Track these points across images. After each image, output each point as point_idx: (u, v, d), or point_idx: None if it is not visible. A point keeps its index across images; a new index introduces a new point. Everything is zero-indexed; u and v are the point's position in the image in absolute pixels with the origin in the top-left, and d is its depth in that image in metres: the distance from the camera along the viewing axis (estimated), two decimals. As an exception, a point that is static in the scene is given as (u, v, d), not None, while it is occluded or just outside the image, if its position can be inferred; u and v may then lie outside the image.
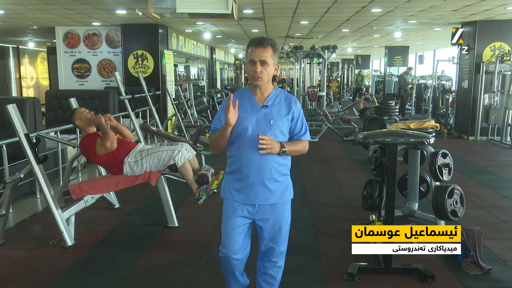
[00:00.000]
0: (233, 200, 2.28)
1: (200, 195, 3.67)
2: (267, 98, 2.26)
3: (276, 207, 2.29)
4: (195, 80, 21.02)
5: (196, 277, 3.15)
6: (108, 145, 3.67)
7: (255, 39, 2.19)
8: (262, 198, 2.25)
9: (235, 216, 2.28)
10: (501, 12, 8.28)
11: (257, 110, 2.23)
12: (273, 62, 2.19)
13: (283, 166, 2.27)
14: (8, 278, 3.17)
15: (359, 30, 11.84)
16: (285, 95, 2.30)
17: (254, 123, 2.21)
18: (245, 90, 2.32)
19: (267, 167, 2.21)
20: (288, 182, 2.34)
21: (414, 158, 4.31)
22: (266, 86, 2.25)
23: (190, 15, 6.30)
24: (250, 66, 2.18)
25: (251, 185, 2.23)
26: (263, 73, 2.16)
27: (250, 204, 2.27)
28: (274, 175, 2.24)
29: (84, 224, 4.21)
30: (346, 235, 3.91)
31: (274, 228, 2.30)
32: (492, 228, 4.10)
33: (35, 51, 16.57)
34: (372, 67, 26.28)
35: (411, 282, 3.08)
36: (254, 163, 2.20)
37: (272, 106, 2.24)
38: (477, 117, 9.43)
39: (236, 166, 2.25)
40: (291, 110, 2.25)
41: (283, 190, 2.29)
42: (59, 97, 7.47)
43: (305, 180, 5.99)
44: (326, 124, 9.71)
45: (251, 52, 2.17)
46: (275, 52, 2.19)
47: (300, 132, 2.29)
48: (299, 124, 2.28)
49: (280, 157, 2.22)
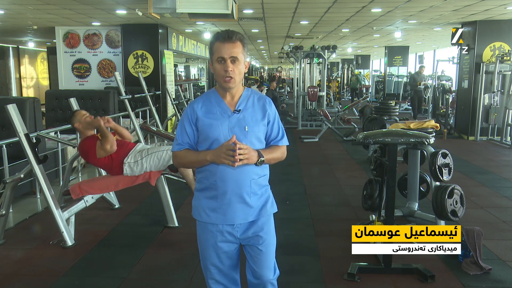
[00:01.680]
0: (210, 223, 1.97)
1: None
2: (238, 101, 1.95)
3: (259, 223, 2.00)
4: (195, 80, 21.01)
5: (196, 277, 3.15)
6: (108, 147, 3.66)
7: (221, 32, 1.87)
8: (242, 216, 1.95)
9: (218, 242, 1.98)
10: (501, 12, 8.28)
11: (228, 116, 1.92)
12: (244, 59, 1.89)
13: (263, 177, 2.00)
14: (8, 278, 3.18)
15: (359, 30, 11.84)
16: (257, 95, 2.01)
17: (227, 131, 1.90)
18: (211, 93, 1.99)
19: (246, 181, 1.92)
20: (269, 194, 2.05)
21: (414, 158, 4.31)
22: (237, 88, 1.95)
23: (190, 15, 6.30)
24: (219, 65, 1.86)
25: (229, 202, 1.93)
26: (235, 72, 1.87)
27: (228, 225, 1.96)
28: (254, 188, 1.95)
29: (84, 224, 4.21)
30: (346, 235, 3.91)
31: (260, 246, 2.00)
32: (492, 228, 4.10)
33: (35, 51, 16.57)
34: (372, 67, 26.28)
35: (411, 282, 3.08)
36: (231, 177, 1.90)
37: (245, 110, 1.94)
38: (477, 117, 9.42)
39: (209, 182, 1.95)
40: (266, 112, 1.97)
41: (263, 203, 2.00)
42: (59, 97, 7.47)
43: (305, 180, 6.00)
44: (326, 124, 9.70)
45: (218, 49, 1.85)
46: (245, 47, 1.90)
47: (277, 137, 2.00)
48: (275, 128, 2.00)
49: (258, 168, 1.94)
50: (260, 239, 2.00)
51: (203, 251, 2.03)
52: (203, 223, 2.00)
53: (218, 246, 1.98)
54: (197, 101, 1.97)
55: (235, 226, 1.96)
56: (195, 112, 1.93)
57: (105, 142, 3.67)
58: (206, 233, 1.99)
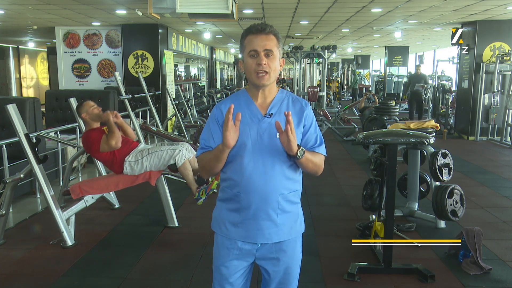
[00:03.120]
0: (227, 238, 1.75)
1: (199, 195, 3.68)
2: (271, 103, 1.72)
3: (283, 245, 1.76)
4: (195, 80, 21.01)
5: (196, 277, 3.15)
6: (113, 143, 3.66)
7: (253, 25, 1.67)
8: (267, 235, 1.71)
9: (231, 259, 1.76)
10: (501, 12, 8.28)
11: (258, 120, 1.69)
12: (279, 55, 1.68)
13: (293, 193, 1.75)
14: (8, 278, 3.18)
15: (359, 30, 11.84)
16: (292, 97, 1.76)
17: (255, 136, 1.67)
18: (241, 94, 1.77)
19: (274, 195, 1.68)
20: (299, 212, 1.82)
21: (414, 158, 4.31)
22: (271, 87, 1.72)
23: (190, 15, 6.30)
24: (251, 60, 1.64)
25: (253, 218, 1.70)
26: (270, 67, 1.63)
27: (249, 243, 1.74)
28: (283, 204, 1.70)
29: (84, 224, 4.21)
30: (346, 235, 3.93)
31: (281, 271, 1.78)
32: (492, 228, 4.10)
33: (35, 51, 16.57)
34: (372, 67, 26.30)
35: (411, 282, 3.08)
36: (257, 190, 1.67)
37: (277, 114, 1.70)
38: (477, 117, 9.42)
39: (233, 193, 1.71)
40: (303, 118, 1.71)
41: (293, 223, 1.77)
42: (59, 97, 7.47)
43: (305, 180, 5.98)
44: (326, 124, 9.71)
45: (251, 42, 1.64)
46: (279, 42, 1.69)
47: (315, 144, 1.73)
48: (313, 134, 1.73)
49: (290, 181, 1.72)
50: (284, 264, 1.78)
51: (217, 268, 1.81)
52: (221, 237, 1.78)
53: (233, 264, 1.76)
54: (225, 101, 1.75)
55: (258, 245, 1.74)
56: (222, 114, 1.69)
57: (111, 137, 3.66)
58: (222, 249, 1.77)
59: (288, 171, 1.71)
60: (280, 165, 1.69)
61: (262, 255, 1.76)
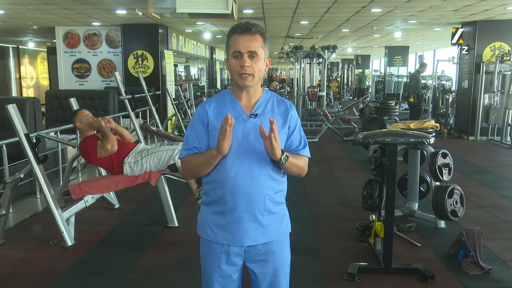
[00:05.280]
0: (215, 242, 1.72)
1: (199, 195, 3.67)
2: (256, 104, 1.70)
3: (272, 246, 1.74)
4: (195, 80, 21.02)
5: (196, 277, 3.14)
6: (109, 147, 3.67)
7: (239, 24, 1.62)
8: (253, 237, 1.69)
9: (220, 263, 1.73)
10: (501, 12, 8.28)
11: (243, 121, 1.66)
12: (264, 55, 1.64)
13: (279, 193, 1.73)
14: (8, 278, 3.18)
15: (359, 30, 11.84)
16: (277, 98, 1.75)
17: (241, 137, 1.64)
18: (226, 94, 1.74)
19: (259, 196, 1.66)
20: (285, 212, 1.79)
21: (414, 158, 4.31)
22: (256, 88, 1.69)
23: (190, 15, 6.30)
24: (235, 61, 1.62)
25: (238, 220, 1.67)
26: (254, 69, 1.61)
27: (236, 246, 1.71)
28: (269, 205, 1.69)
29: (84, 224, 4.21)
30: (346, 235, 3.93)
31: (270, 273, 1.76)
32: (492, 228, 4.10)
33: (35, 51, 16.58)
34: (372, 67, 26.29)
35: (411, 282, 3.08)
36: (242, 191, 1.64)
37: (262, 114, 1.68)
38: (477, 117, 9.42)
39: (217, 196, 1.69)
40: (288, 119, 1.71)
41: (279, 224, 1.75)
42: (59, 97, 7.47)
43: (305, 180, 5.99)
44: (326, 124, 9.71)
45: (235, 42, 1.61)
46: (266, 42, 1.64)
47: (298, 147, 1.74)
48: (297, 135, 1.74)
49: (275, 182, 1.70)
50: (272, 266, 1.75)
51: (205, 273, 1.79)
52: (207, 242, 1.75)
53: (221, 269, 1.73)
54: (209, 101, 1.72)
55: (244, 248, 1.72)
56: (207, 114, 1.68)
57: (106, 142, 3.67)
58: (210, 253, 1.75)
59: (273, 171, 1.70)
60: (265, 166, 1.67)
61: (250, 257, 1.74)
